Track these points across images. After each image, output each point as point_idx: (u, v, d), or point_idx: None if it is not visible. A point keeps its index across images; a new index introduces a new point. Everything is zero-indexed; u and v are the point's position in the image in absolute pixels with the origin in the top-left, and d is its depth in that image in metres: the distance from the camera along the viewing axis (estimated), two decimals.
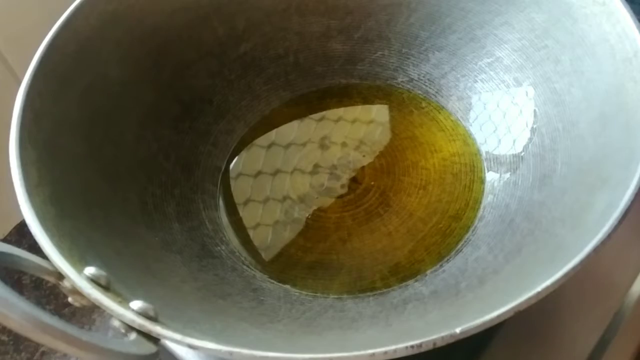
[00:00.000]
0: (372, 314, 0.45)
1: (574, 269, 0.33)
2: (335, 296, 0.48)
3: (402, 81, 0.60)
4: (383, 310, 0.46)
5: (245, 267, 0.50)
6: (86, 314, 0.63)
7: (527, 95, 0.53)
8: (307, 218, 0.53)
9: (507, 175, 0.52)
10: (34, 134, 0.42)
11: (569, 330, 0.50)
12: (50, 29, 0.46)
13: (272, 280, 0.49)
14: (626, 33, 0.43)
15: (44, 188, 0.40)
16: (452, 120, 0.57)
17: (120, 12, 0.51)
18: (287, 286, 0.49)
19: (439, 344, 0.31)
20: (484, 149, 0.55)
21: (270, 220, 0.53)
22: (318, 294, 0.48)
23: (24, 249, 0.34)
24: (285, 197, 0.54)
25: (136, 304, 0.34)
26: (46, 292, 0.64)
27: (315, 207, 0.54)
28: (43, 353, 0.61)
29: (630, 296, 0.51)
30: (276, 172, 0.56)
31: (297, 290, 0.49)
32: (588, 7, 0.46)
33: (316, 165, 0.56)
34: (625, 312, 0.51)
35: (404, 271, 0.49)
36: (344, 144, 0.57)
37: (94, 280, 0.35)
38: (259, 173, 0.56)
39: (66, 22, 0.47)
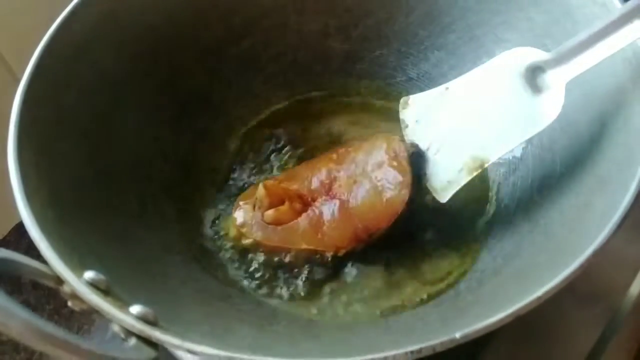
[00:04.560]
0: (372, 318, 0.45)
1: (573, 273, 0.33)
2: None
3: (401, 80, 0.60)
4: (382, 313, 0.46)
5: (244, 268, 0.50)
6: (85, 314, 0.63)
7: None
8: None
9: (506, 176, 0.52)
10: (33, 136, 0.42)
11: (568, 330, 0.50)
12: (48, 29, 0.46)
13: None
14: None
15: (42, 192, 0.40)
16: None
17: (118, 11, 0.51)
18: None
19: (439, 349, 0.31)
20: None
21: None
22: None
23: (23, 249, 0.35)
24: None
25: (136, 309, 0.34)
26: (45, 292, 0.64)
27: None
28: (42, 354, 0.61)
29: (629, 296, 0.52)
30: (275, 173, 0.56)
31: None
32: (587, 7, 0.46)
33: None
34: (624, 312, 0.51)
35: None
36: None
37: (93, 285, 0.35)
38: (258, 173, 0.56)
39: (64, 22, 0.47)
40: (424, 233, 0.50)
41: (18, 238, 0.67)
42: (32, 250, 0.35)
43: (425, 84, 0.59)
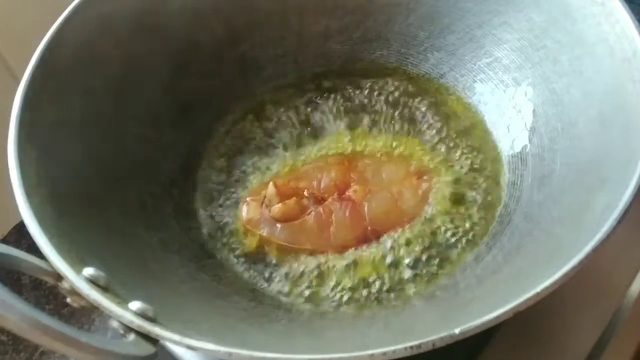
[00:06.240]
0: (371, 314, 0.45)
1: (573, 269, 0.33)
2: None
3: (401, 80, 0.60)
4: (382, 310, 0.46)
5: (244, 267, 0.50)
6: (85, 314, 0.63)
7: (526, 95, 0.53)
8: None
9: (506, 175, 0.52)
10: (33, 134, 0.42)
11: (568, 329, 0.50)
12: (48, 29, 0.46)
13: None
14: (625, 33, 0.43)
15: (42, 188, 0.40)
16: None
17: (118, 12, 0.51)
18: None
19: (438, 344, 0.31)
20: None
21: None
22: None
23: (23, 248, 0.34)
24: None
25: (135, 305, 0.34)
26: (45, 292, 0.64)
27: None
28: (42, 353, 0.61)
29: (629, 296, 0.52)
30: (275, 172, 0.56)
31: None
32: (587, 7, 0.46)
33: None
34: (624, 312, 0.51)
35: None
36: (342, 145, 0.57)
37: (92, 281, 0.35)
38: (259, 173, 0.56)
39: (65, 22, 0.47)
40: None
41: (18, 238, 0.67)
42: (32, 252, 0.35)
43: (425, 85, 0.59)
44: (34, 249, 0.36)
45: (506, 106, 0.54)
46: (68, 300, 0.36)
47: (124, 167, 0.49)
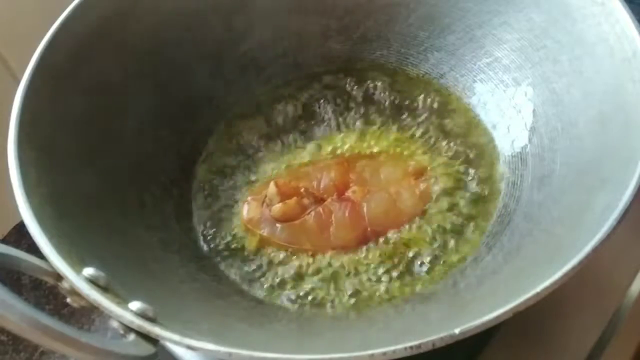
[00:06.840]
0: (372, 314, 0.45)
1: (573, 269, 0.33)
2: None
3: (401, 81, 0.60)
4: (382, 310, 0.46)
5: (243, 267, 0.50)
6: (85, 314, 0.63)
7: (526, 95, 0.53)
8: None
9: (506, 175, 0.52)
10: (33, 135, 0.42)
11: (568, 329, 0.50)
12: (48, 29, 0.46)
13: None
14: (625, 33, 0.43)
15: (42, 188, 0.40)
16: None
17: (119, 12, 0.51)
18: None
19: (438, 344, 0.31)
20: None
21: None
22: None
23: (23, 249, 0.34)
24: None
25: (135, 305, 0.34)
26: (45, 292, 0.64)
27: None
28: (42, 353, 0.61)
29: (629, 296, 0.52)
30: (275, 172, 0.56)
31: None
32: (587, 7, 0.46)
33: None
34: (624, 312, 0.51)
35: None
36: (342, 145, 0.57)
37: (92, 281, 0.35)
38: (258, 173, 0.56)
39: (65, 22, 0.47)
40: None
41: (18, 238, 0.67)
42: (32, 252, 0.35)
43: (425, 85, 0.59)
44: (34, 249, 0.36)
45: (506, 106, 0.54)
46: (68, 300, 0.36)
47: (124, 167, 0.50)
